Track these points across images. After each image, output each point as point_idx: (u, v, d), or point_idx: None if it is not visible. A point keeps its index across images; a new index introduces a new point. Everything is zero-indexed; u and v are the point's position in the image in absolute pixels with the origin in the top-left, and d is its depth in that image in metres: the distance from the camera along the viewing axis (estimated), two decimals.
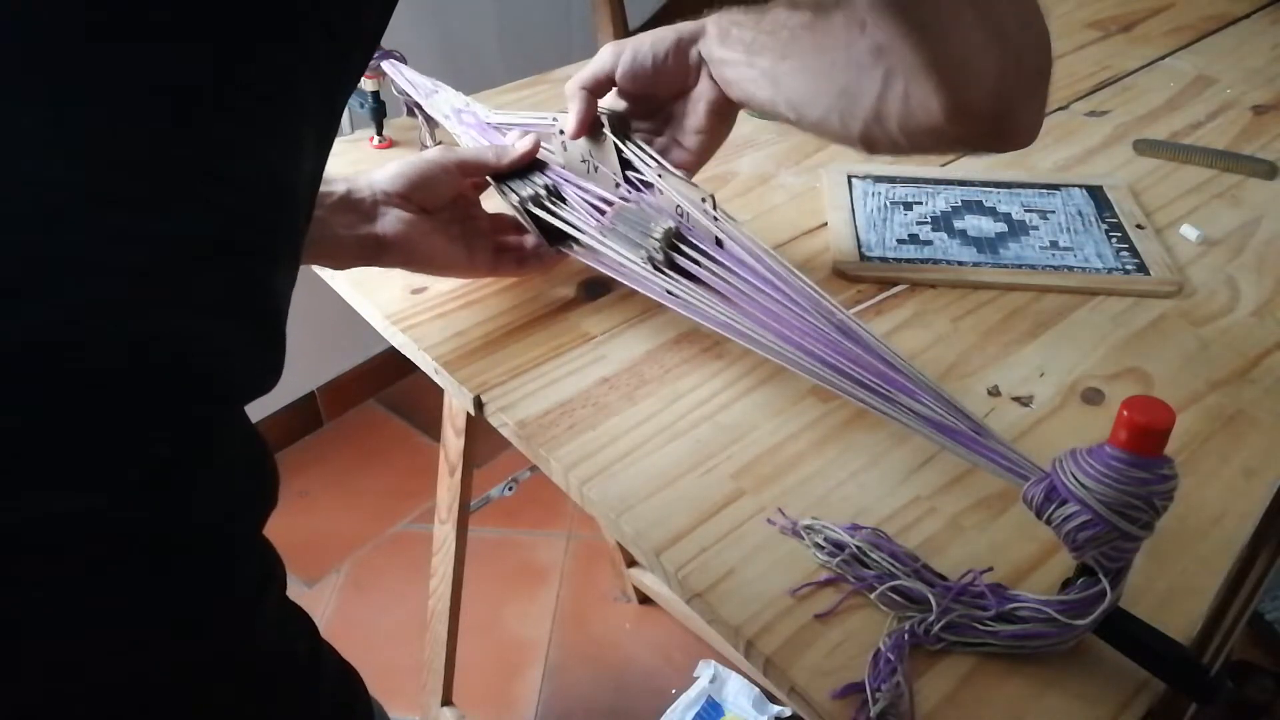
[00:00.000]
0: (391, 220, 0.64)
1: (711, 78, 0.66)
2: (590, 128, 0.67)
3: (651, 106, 0.69)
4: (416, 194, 0.65)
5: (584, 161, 0.69)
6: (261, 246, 0.39)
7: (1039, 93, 0.53)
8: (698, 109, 0.67)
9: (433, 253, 0.66)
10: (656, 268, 0.61)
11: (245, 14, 0.35)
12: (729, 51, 0.64)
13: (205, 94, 0.35)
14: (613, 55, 0.67)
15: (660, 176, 0.63)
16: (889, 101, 0.54)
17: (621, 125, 0.67)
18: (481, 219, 0.71)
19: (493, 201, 0.71)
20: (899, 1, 0.49)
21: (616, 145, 0.66)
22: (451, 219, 0.68)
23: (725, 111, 0.67)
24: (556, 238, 0.68)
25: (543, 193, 0.68)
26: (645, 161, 0.65)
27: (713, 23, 0.65)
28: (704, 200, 0.60)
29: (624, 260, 0.62)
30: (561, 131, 0.69)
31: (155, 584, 0.37)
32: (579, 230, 0.65)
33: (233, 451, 0.41)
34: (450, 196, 0.68)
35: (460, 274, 0.70)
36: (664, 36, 0.65)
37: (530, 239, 0.70)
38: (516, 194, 0.68)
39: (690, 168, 0.68)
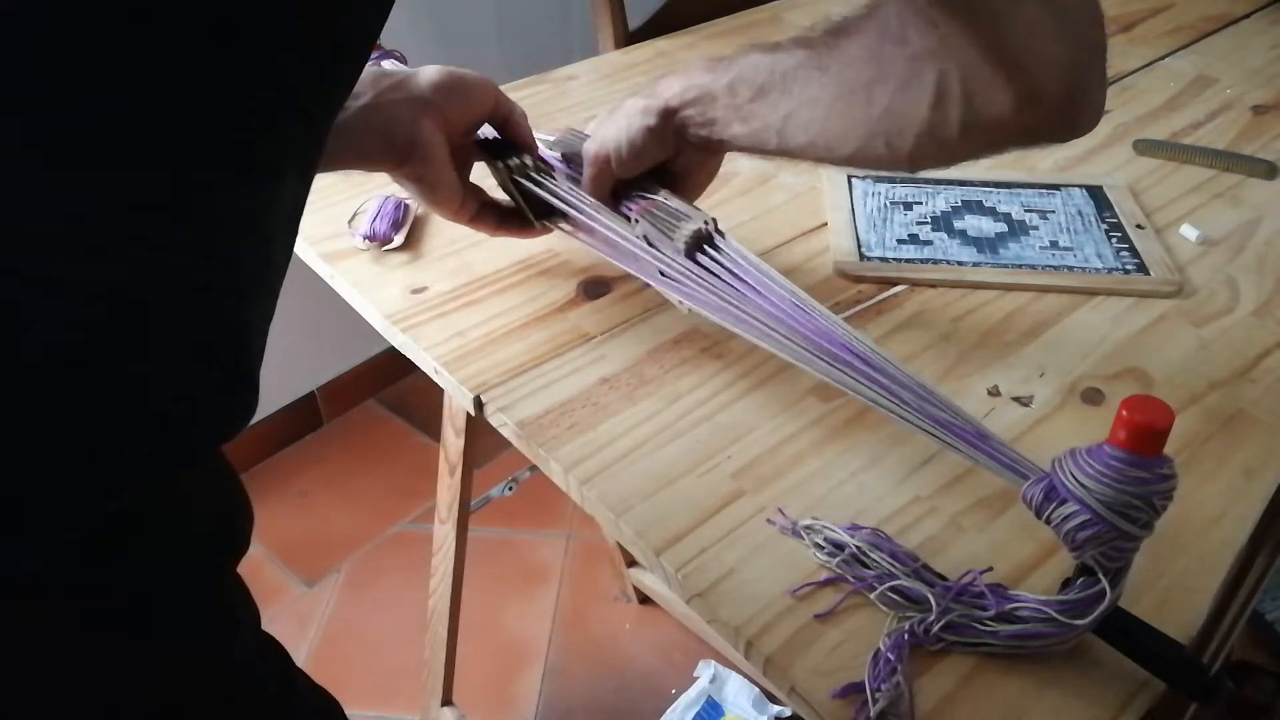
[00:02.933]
0: (420, 129, 0.62)
1: (692, 145, 0.64)
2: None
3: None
4: (450, 101, 0.63)
5: None
6: (233, 287, 0.37)
7: (1101, 70, 0.52)
8: (685, 174, 0.67)
9: (445, 177, 0.65)
10: (651, 244, 0.60)
11: (218, 48, 0.33)
12: (713, 113, 0.62)
13: (168, 132, 0.33)
14: (600, 158, 0.65)
15: (666, 200, 0.63)
16: (947, 106, 0.52)
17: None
18: (469, 169, 0.70)
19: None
20: None
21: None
22: (455, 151, 0.66)
23: (710, 167, 0.67)
24: (542, 213, 0.68)
25: (529, 163, 0.67)
26: (652, 188, 0.66)
27: (676, 93, 0.63)
28: (706, 223, 0.60)
29: (614, 235, 0.62)
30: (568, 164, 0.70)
31: (115, 635, 0.36)
32: (568, 204, 0.65)
33: (199, 499, 0.39)
34: (477, 117, 0.66)
35: (450, 210, 0.68)
36: (635, 130, 0.64)
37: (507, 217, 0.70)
38: (506, 164, 0.67)
39: None
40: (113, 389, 0.33)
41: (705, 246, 0.60)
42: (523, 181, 0.67)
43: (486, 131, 0.70)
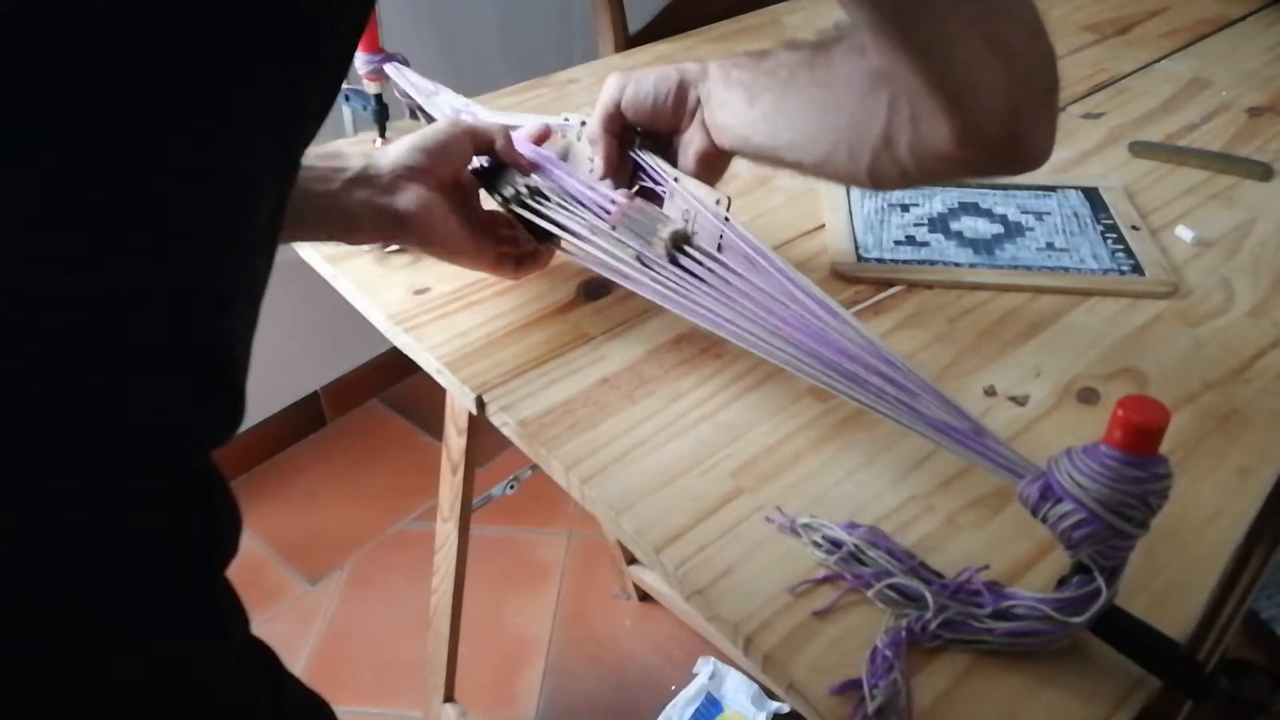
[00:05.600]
0: (411, 196, 0.63)
1: (704, 125, 0.65)
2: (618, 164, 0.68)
3: (651, 135, 0.69)
4: (433, 163, 0.64)
5: (591, 161, 0.70)
6: (212, 294, 0.37)
7: (1049, 110, 0.52)
8: (687, 155, 0.66)
9: (450, 234, 0.66)
10: (645, 264, 0.61)
11: (198, 59, 0.33)
12: (729, 93, 0.62)
13: (152, 148, 0.33)
14: (618, 87, 0.66)
15: (676, 180, 0.64)
16: (897, 128, 0.52)
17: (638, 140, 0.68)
18: (480, 210, 0.70)
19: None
20: (899, 24, 0.47)
21: (634, 156, 0.67)
22: (458, 200, 0.67)
23: (713, 161, 0.67)
24: (542, 235, 0.69)
25: (524, 191, 0.68)
26: (659, 166, 0.66)
27: (716, 65, 0.64)
28: (718, 202, 0.61)
29: (610, 258, 0.63)
30: (581, 130, 0.70)
31: (101, 642, 0.36)
32: (564, 228, 0.66)
33: (187, 506, 0.39)
34: (463, 166, 0.67)
35: (466, 262, 0.69)
36: (667, 76, 0.65)
37: (523, 235, 0.70)
38: (500, 194, 0.68)
39: None
40: (94, 397, 0.33)
41: (686, 247, 0.60)
42: (518, 210, 0.68)
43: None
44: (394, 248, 0.76)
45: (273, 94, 0.37)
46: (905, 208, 0.82)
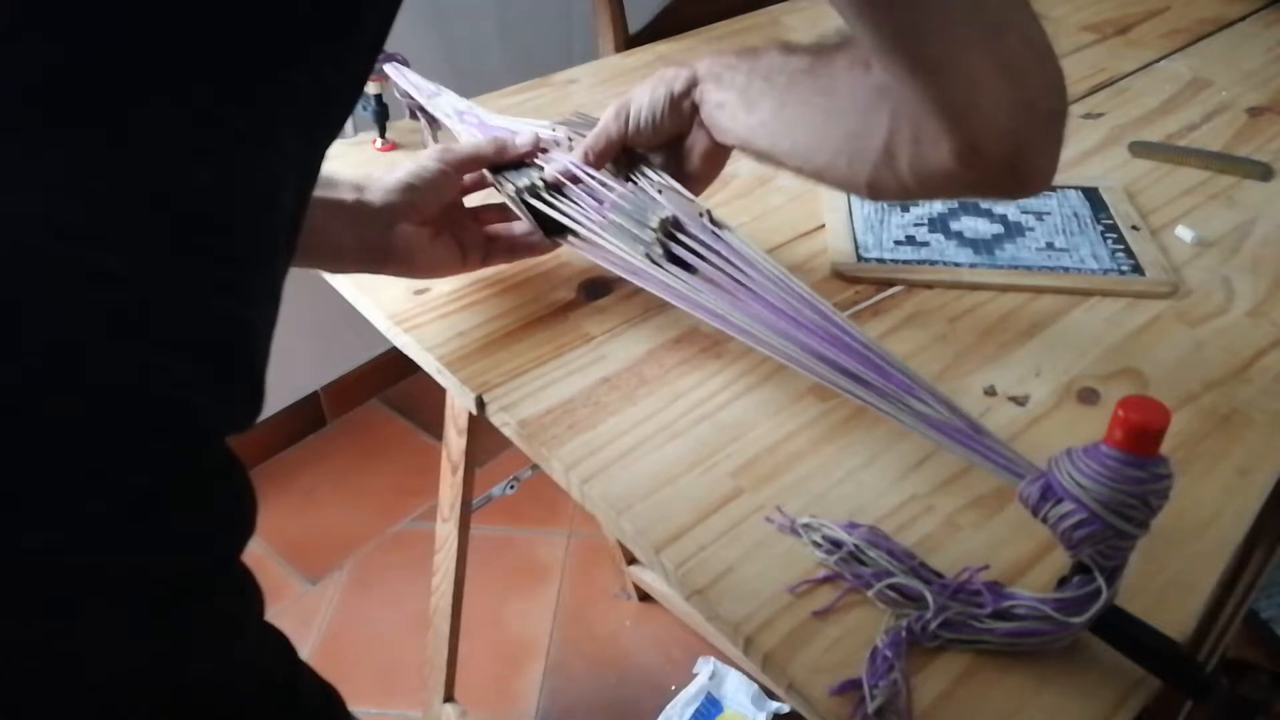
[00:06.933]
0: (398, 233, 0.65)
1: (703, 125, 0.65)
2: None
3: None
4: (422, 200, 0.66)
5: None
6: (235, 285, 0.38)
7: (1054, 135, 0.51)
8: (692, 156, 0.67)
9: (432, 261, 0.68)
10: (654, 261, 0.61)
11: (227, 59, 0.34)
12: (724, 95, 0.62)
13: (180, 133, 0.34)
14: (617, 127, 0.67)
15: (660, 191, 0.64)
16: (898, 145, 0.52)
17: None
18: (465, 214, 0.71)
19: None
20: (904, 41, 0.46)
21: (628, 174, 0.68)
22: (443, 222, 0.69)
23: (718, 156, 0.67)
24: (553, 229, 0.69)
25: (539, 184, 0.68)
26: (647, 176, 0.66)
27: (705, 67, 0.64)
28: (701, 215, 0.61)
29: (622, 253, 0.63)
30: (571, 142, 0.70)
31: (123, 619, 0.37)
32: (577, 222, 0.66)
33: (207, 485, 0.40)
34: (451, 199, 0.69)
35: (454, 273, 0.71)
36: (657, 97, 0.65)
37: (520, 225, 0.71)
38: (513, 184, 0.69)
39: None
40: (116, 378, 0.33)
41: (680, 235, 0.61)
42: (532, 201, 0.68)
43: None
44: None
45: (297, 89, 0.38)
46: (905, 207, 0.82)
